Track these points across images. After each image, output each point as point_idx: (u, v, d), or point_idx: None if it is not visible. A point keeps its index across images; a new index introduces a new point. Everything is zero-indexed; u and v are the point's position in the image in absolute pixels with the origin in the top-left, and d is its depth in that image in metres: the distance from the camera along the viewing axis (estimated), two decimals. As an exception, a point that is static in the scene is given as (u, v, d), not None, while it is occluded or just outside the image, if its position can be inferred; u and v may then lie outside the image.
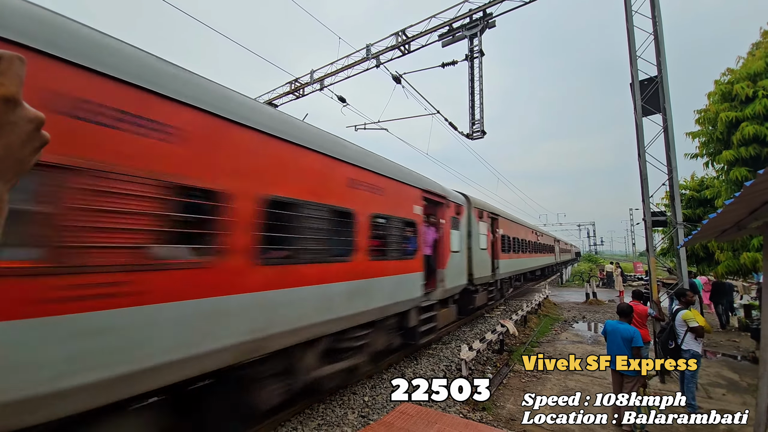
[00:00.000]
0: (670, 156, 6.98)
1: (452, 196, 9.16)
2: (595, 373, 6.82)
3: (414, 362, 7.19)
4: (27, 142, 0.42)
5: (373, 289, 5.61)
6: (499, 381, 6.34)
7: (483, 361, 7.40)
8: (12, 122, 0.41)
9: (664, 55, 7.06)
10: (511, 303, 15.17)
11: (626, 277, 23.12)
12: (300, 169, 4.41)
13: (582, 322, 11.97)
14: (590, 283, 17.37)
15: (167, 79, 3.14)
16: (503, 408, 5.35)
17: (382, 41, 11.42)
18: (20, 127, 0.42)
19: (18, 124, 0.41)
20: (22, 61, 0.42)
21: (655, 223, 7.21)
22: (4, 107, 0.40)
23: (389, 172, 6.35)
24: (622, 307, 4.84)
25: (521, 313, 10.48)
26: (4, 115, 0.40)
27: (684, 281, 6.73)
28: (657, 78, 7.06)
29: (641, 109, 7.09)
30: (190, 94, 3.26)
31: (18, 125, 0.41)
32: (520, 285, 20.44)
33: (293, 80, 14.17)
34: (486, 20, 9.38)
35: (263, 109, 4.26)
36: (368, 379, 6.18)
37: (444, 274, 8.26)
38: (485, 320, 11.69)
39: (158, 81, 3.04)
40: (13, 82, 0.41)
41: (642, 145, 7.04)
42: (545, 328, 10.76)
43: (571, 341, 9.31)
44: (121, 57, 2.87)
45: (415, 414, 4.47)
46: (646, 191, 7.00)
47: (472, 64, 9.76)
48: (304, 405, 4.98)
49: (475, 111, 9.87)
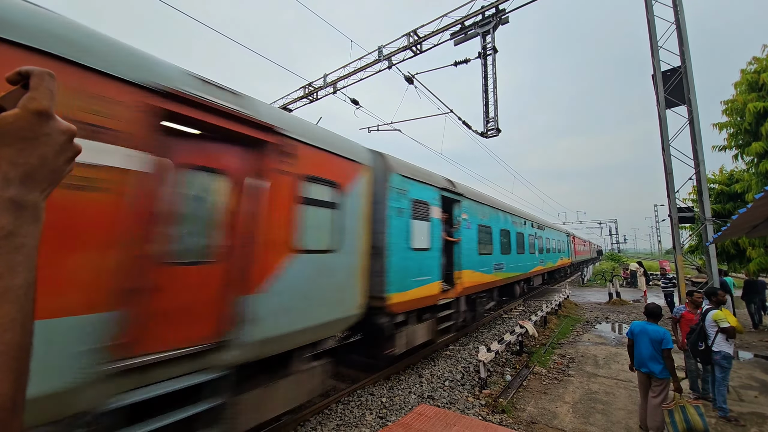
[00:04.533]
0: (696, 149, 6.69)
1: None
2: (620, 376, 6.61)
3: (431, 364, 7.15)
4: (60, 152, 0.45)
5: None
6: (518, 383, 6.22)
7: (502, 363, 7.28)
8: (46, 134, 0.44)
9: (687, 45, 6.79)
10: (529, 304, 14.86)
11: (650, 276, 22.27)
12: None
13: (605, 323, 11.60)
14: (613, 283, 16.81)
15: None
16: (523, 411, 5.24)
17: (393, 42, 11.45)
18: (54, 139, 0.45)
19: (52, 135, 0.44)
20: (52, 77, 0.45)
21: (682, 220, 6.92)
22: (37, 120, 0.43)
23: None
24: (651, 308, 4.66)
25: (541, 314, 10.25)
26: (38, 127, 0.43)
27: (714, 280, 6.43)
28: (680, 68, 6.80)
29: (664, 101, 6.83)
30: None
31: (52, 137, 0.44)
32: (527, 292, 16.28)
33: (307, 84, 14.37)
34: (499, 17, 9.25)
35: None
36: (385, 380, 6.18)
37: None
38: (503, 321, 11.49)
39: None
40: (45, 96, 0.44)
41: (666, 138, 6.78)
42: (566, 329, 10.48)
43: (594, 343, 9.04)
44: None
45: (433, 416, 4.44)
46: (671, 186, 6.73)
47: (485, 61, 9.65)
48: (323, 405, 5.02)
49: (489, 109, 9.74)
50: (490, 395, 5.63)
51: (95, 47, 2.69)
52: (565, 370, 7.00)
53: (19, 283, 0.40)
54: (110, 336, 2.62)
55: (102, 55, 2.70)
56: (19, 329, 0.39)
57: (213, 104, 3.34)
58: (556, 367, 7.18)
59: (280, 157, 4.00)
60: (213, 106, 3.34)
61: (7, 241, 0.39)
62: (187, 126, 3.30)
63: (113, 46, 2.84)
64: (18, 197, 0.41)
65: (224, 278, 3.43)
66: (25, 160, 0.42)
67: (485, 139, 10.07)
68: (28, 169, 0.42)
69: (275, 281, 3.84)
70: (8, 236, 0.39)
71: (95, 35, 2.76)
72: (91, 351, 2.53)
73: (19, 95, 0.45)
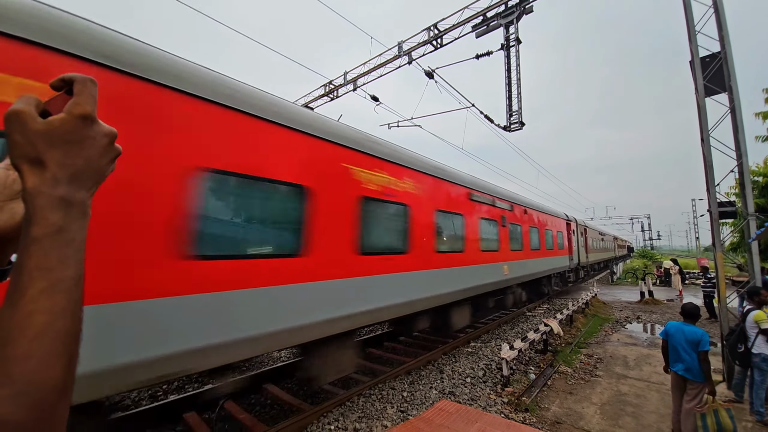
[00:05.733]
0: (738, 139, 6.25)
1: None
2: (652, 378, 6.33)
3: (452, 360, 7.11)
4: (103, 154, 0.50)
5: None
6: (542, 382, 6.09)
7: (525, 361, 7.14)
8: (90, 137, 0.48)
9: (726, 29, 6.33)
10: (555, 302, 14.45)
11: (686, 275, 21.05)
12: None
13: (636, 323, 11.12)
14: (645, 281, 16.03)
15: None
16: (548, 410, 5.14)
17: (413, 37, 11.34)
18: (98, 141, 0.49)
19: (96, 138, 0.48)
20: (93, 83, 0.49)
21: (722, 215, 6.50)
22: (82, 124, 0.47)
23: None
24: (689, 308, 4.43)
25: (566, 312, 9.95)
26: (83, 130, 0.47)
27: (756, 278, 6.02)
28: (720, 54, 6.35)
29: (703, 88, 6.41)
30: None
31: (96, 140, 0.48)
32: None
33: (327, 83, 14.51)
34: (522, 6, 8.96)
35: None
36: (406, 375, 6.22)
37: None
38: (527, 319, 11.25)
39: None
40: (89, 101, 0.48)
41: (705, 128, 6.37)
42: (594, 329, 10.13)
43: (624, 343, 8.69)
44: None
45: (454, 411, 4.44)
46: (711, 179, 6.33)
47: (508, 53, 9.39)
48: (345, 397, 5.12)
49: (513, 102, 9.49)
50: (513, 393, 5.54)
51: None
52: (592, 370, 6.79)
53: (70, 275, 0.43)
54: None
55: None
56: (70, 318, 0.43)
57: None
58: (583, 367, 6.96)
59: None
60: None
61: (59, 236, 0.43)
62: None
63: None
64: (67, 196, 0.45)
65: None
66: (72, 161, 0.46)
67: (508, 133, 9.82)
68: (75, 169, 0.46)
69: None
70: (59, 232, 0.43)
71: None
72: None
73: (62, 101, 0.49)
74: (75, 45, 2.62)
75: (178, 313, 2.96)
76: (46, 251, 0.42)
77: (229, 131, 3.49)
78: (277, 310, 3.72)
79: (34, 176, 0.44)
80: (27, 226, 0.43)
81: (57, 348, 0.41)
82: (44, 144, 0.44)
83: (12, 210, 0.56)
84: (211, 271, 3.22)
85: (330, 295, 4.36)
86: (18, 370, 0.38)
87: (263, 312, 3.58)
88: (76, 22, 2.72)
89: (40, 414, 0.38)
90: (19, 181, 0.57)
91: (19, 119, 0.44)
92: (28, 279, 0.41)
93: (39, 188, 0.43)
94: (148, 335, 2.78)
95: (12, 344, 0.39)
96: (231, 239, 3.48)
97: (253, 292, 3.52)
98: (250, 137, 3.68)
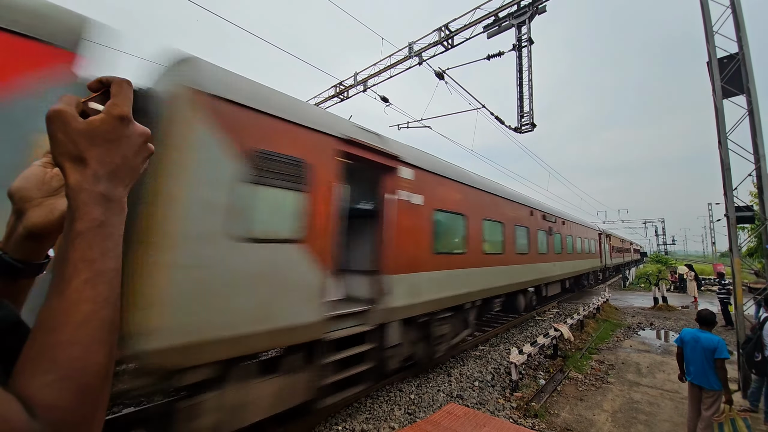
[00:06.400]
0: (757, 142, 6.10)
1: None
2: (666, 386, 6.19)
3: (460, 363, 7.07)
4: (138, 152, 0.51)
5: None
6: (552, 387, 6.01)
7: (534, 366, 7.06)
8: (127, 136, 0.50)
9: (744, 29, 6.18)
10: (565, 306, 14.25)
11: (701, 281, 20.52)
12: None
13: (649, 330, 10.88)
14: (659, 287, 15.68)
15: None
16: (557, 416, 5.06)
17: (424, 38, 11.34)
18: (133, 141, 0.50)
19: (131, 138, 0.50)
20: (130, 85, 0.51)
21: (740, 220, 6.33)
22: (120, 124, 0.49)
23: None
24: (705, 314, 4.33)
25: (577, 317, 9.80)
26: (120, 130, 0.49)
27: (777, 286, 5.85)
28: (738, 55, 6.20)
29: (721, 90, 6.27)
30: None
31: (131, 139, 0.50)
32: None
33: (338, 83, 14.59)
34: (535, 6, 8.88)
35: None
36: (414, 377, 6.20)
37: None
38: (536, 323, 11.11)
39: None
40: (125, 102, 0.50)
41: (723, 131, 6.23)
42: (605, 334, 9.95)
43: (636, 350, 8.52)
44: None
45: (462, 415, 4.41)
46: (729, 183, 6.18)
47: (520, 54, 9.31)
48: (353, 398, 5.13)
49: (524, 103, 9.40)
50: (522, 398, 5.48)
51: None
52: (603, 376, 6.67)
53: (111, 267, 0.45)
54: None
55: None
56: (112, 307, 0.45)
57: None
58: (594, 373, 6.85)
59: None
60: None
61: (100, 230, 0.45)
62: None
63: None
64: (107, 192, 0.47)
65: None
66: (111, 159, 0.48)
67: (519, 134, 9.74)
68: (114, 167, 0.48)
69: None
70: (100, 226, 0.45)
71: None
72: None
73: (100, 101, 0.51)
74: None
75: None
76: (90, 244, 0.44)
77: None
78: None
79: (76, 173, 0.45)
80: (70, 220, 0.44)
81: (100, 335, 0.42)
82: (86, 142, 0.46)
83: (50, 206, 0.58)
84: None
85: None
86: (63, 355, 0.40)
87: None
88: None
89: (84, 399, 0.40)
90: (57, 178, 0.60)
91: (62, 118, 0.46)
92: (73, 270, 0.42)
93: (81, 185, 0.45)
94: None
95: (58, 331, 0.40)
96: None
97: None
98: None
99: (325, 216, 4.23)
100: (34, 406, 0.37)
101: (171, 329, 2.87)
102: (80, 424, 0.40)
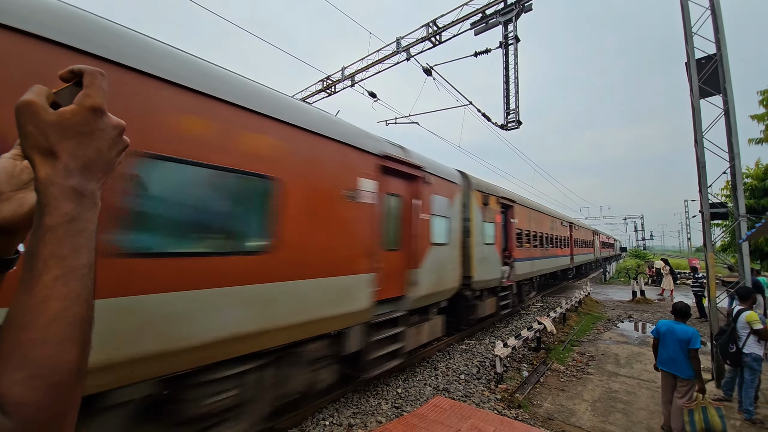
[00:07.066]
0: (731, 141, 6.34)
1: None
2: (643, 376, 6.44)
3: (447, 357, 7.17)
4: (113, 146, 0.49)
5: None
6: (535, 379, 6.16)
7: (518, 359, 7.22)
8: (100, 129, 0.48)
9: (722, 31, 6.39)
10: (549, 300, 14.59)
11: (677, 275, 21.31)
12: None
13: (628, 322, 11.27)
14: (638, 281, 16.23)
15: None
16: (540, 407, 5.20)
17: (412, 33, 11.29)
18: (107, 133, 0.48)
19: (105, 130, 0.48)
20: (103, 76, 0.49)
21: (714, 216, 6.59)
22: (93, 116, 0.47)
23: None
24: (680, 307, 4.52)
25: (560, 311, 10.06)
26: (93, 122, 0.47)
27: (746, 279, 6.13)
28: (715, 56, 6.41)
29: (698, 90, 6.48)
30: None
31: (105, 131, 0.48)
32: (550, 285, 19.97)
33: (325, 78, 14.42)
34: (522, 4, 8.96)
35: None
36: (401, 372, 6.26)
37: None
38: (521, 317, 11.35)
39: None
40: (98, 93, 0.48)
41: (699, 130, 6.44)
42: (586, 327, 10.25)
43: (615, 341, 8.81)
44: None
45: (448, 407, 4.48)
46: (704, 180, 6.41)
47: (506, 51, 9.39)
48: (339, 393, 5.14)
49: (510, 100, 9.50)
50: (506, 390, 5.61)
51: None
52: (584, 368, 6.88)
53: (83, 263, 0.44)
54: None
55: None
56: (84, 304, 0.43)
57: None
58: (575, 364, 7.06)
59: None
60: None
61: (72, 225, 0.43)
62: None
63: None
64: (79, 186, 0.45)
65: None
66: (84, 152, 0.46)
67: (505, 131, 9.86)
68: (86, 160, 0.46)
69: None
70: (72, 221, 0.43)
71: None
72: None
73: (71, 92, 0.49)
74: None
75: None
76: (60, 240, 0.42)
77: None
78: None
79: (46, 166, 0.43)
80: (40, 215, 0.43)
81: (72, 333, 0.41)
82: (57, 135, 0.44)
83: (20, 200, 0.55)
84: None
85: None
86: (35, 353, 0.38)
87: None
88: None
89: (55, 397, 0.39)
90: (27, 171, 0.57)
91: (31, 110, 0.44)
92: (43, 266, 0.41)
93: (52, 178, 0.43)
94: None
95: (29, 328, 0.39)
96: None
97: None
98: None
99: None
100: (5, 404, 0.36)
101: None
102: (52, 422, 0.39)
